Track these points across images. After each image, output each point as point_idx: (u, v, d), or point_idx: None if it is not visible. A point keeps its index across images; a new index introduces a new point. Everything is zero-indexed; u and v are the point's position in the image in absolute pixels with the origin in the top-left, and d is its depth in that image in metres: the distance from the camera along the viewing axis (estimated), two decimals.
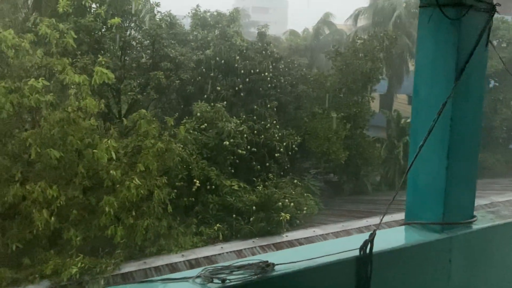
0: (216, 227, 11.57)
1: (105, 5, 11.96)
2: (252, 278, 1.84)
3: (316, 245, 3.00)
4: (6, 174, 7.73)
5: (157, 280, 1.86)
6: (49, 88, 7.60)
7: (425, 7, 2.25)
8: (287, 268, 1.90)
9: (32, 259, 8.74)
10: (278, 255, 2.06)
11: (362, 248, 2.02)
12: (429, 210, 2.30)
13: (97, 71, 8.16)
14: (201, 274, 1.83)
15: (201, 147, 12.44)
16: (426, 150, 2.16)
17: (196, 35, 15.87)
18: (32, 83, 7.31)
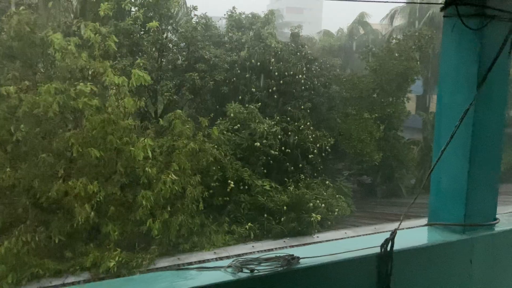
0: (248, 226, 11.77)
1: (144, 8, 12.41)
2: (278, 269, 1.97)
3: (339, 242, 3.10)
4: (51, 171, 8.20)
5: (193, 268, 2.03)
6: (95, 92, 8.01)
7: (448, 17, 2.32)
8: (311, 261, 2.02)
9: (73, 251, 9.23)
10: (303, 250, 2.18)
11: (383, 245, 2.11)
12: (451, 212, 2.36)
13: (134, 73, 8.51)
14: (232, 264, 1.98)
15: (234, 148, 12.66)
16: (449, 154, 2.23)
17: (231, 36, 16.12)
18: (81, 87, 7.74)
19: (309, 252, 2.08)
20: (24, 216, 8.26)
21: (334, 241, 7.14)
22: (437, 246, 2.28)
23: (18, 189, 8.44)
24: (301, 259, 2.03)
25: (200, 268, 2.01)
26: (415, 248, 2.23)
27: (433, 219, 2.46)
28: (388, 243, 2.10)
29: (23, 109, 7.73)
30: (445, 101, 2.42)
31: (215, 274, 1.94)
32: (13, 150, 8.20)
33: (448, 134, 2.22)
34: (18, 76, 8.51)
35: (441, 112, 2.44)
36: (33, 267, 8.51)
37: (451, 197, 2.37)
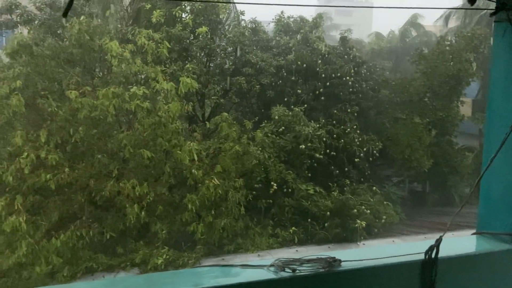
0: (292, 230, 11.75)
1: (193, 14, 12.78)
2: (320, 271, 2.00)
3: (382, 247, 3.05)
4: (105, 170, 8.66)
5: (237, 265, 2.10)
6: (146, 95, 8.39)
7: (499, 22, 2.25)
8: (353, 265, 2.03)
9: (124, 248, 9.66)
10: (345, 253, 2.18)
11: (427, 252, 2.07)
12: (500, 221, 2.27)
13: (182, 81, 8.81)
14: (274, 264, 2.03)
15: (278, 151, 12.69)
16: (499, 162, 2.16)
17: (278, 40, 16.21)
18: (134, 90, 8.13)
19: (352, 255, 2.09)
20: (80, 213, 8.77)
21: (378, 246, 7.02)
22: (484, 255, 2.21)
23: (76, 187, 8.98)
24: (343, 262, 2.05)
25: (244, 265, 2.08)
26: (462, 256, 2.17)
27: (481, 228, 2.37)
28: (432, 250, 2.06)
29: (83, 112, 8.24)
30: (495, 107, 2.34)
31: (258, 272, 2.00)
32: (72, 150, 8.74)
33: (498, 141, 2.14)
34: (80, 81, 9.06)
35: (491, 118, 2.37)
36: (87, 261, 9.02)
37: (501, 205, 2.29)
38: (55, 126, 8.47)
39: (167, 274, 2.81)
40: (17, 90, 8.76)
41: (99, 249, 9.24)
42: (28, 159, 7.98)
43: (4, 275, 8.17)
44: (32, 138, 8.36)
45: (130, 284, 1.89)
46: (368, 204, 12.44)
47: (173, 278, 2.00)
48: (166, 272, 2.98)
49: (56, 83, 9.58)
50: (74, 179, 8.62)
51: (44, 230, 8.01)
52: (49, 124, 8.47)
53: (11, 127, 9.26)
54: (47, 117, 8.64)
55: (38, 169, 8.28)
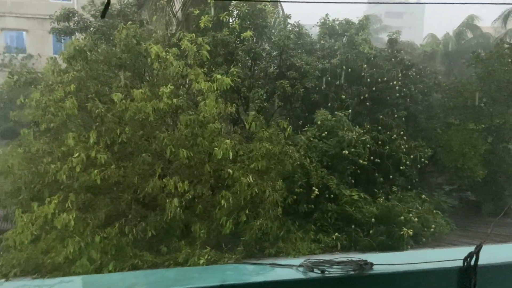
0: (335, 236, 11.52)
1: (240, 19, 12.95)
2: (350, 273, 1.94)
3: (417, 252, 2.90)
4: (150, 170, 8.94)
5: (266, 263, 2.08)
6: (181, 94, 8.59)
7: None
8: (386, 269, 1.95)
9: (168, 247, 9.88)
10: (378, 256, 2.10)
11: (466, 259, 1.94)
12: None
13: (215, 78, 8.96)
14: (304, 264, 1.99)
15: (321, 155, 12.52)
16: None
17: (323, 44, 16.06)
18: (163, 89, 8.39)
19: (384, 259, 2.01)
20: (126, 210, 9.09)
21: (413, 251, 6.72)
22: None
23: (123, 186, 9.33)
24: (375, 265, 1.97)
25: (273, 264, 2.06)
26: (503, 265, 2.01)
27: None
28: (472, 257, 1.93)
29: (128, 114, 8.58)
30: None
31: (287, 271, 1.98)
32: (119, 150, 9.10)
33: None
34: (128, 84, 9.45)
35: None
36: (133, 258, 9.30)
37: None
38: (104, 127, 8.87)
39: (197, 269, 2.84)
40: (71, 94, 9.28)
41: (144, 247, 9.50)
42: (79, 158, 8.39)
43: (56, 269, 8.61)
44: (83, 139, 8.80)
45: (160, 277, 1.92)
46: (416, 212, 11.96)
47: (202, 273, 2.01)
48: (195, 268, 3.02)
49: (107, 86, 10.03)
50: (121, 177, 8.97)
51: (92, 227, 8.36)
52: (98, 126, 8.88)
53: (65, 128, 9.78)
54: (97, 119, 9.06)
55: (88, 168, 8.69)
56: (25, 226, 7.83)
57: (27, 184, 9.53)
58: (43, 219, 7.89)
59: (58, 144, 9.58)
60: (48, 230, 8.84)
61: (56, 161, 8.79)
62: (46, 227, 8.85)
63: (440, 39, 26.48)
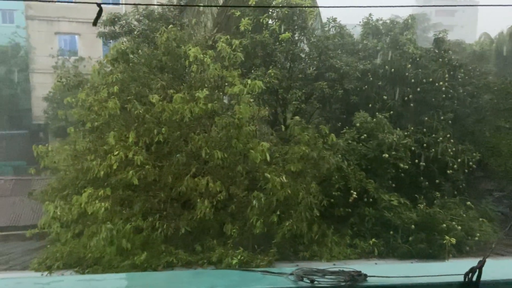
0: (372, 241, 11.21)
1: (279, 21, 12.93)
2: (341, 284, 1.89)
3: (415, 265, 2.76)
4: (185, 169, 9.14)
5: (258, 270, 2.07)
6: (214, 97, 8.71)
7: None
8: (380, 281, 1.88)
9: (202, 246, 10.06)
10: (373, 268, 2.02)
11: (467, 274, 1.83)
12: None
13: (246, 82, 8.98)
14: (295, 272, 1.97)
15: (360, 158, 12.22)
16: None
17: (365, 44, 15.68)
18: (198, 94, 8.53)
19: (379, 271, 1.94)
20: (162, 208, 9.35)
21: (410, 264, 6.40)
22: None
23: (159, 184, 9.60)
24: (368, 277, 1.90)
25: (264, 271, 2.05)
26: (510, 282, 1.87)
27: None
28: (474, 272, 1.82)
29: (165, 115, 8.83)
30: None
31: (277, 280, 1.96)
32: (156, 150, 9.38)
33: None
34: (165, 86, 9.72)
35: None
36: (168, 255, 9.55)
37: None
38: (142, 127, 9.18)
39: (187, 273, 2.87)
40: (114, 95, 9.69)
41: (179, 245, 9.72)
42: (118, 156, 8.74)
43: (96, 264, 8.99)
44: (123, 138, 9.15)
45: (151, 280, 1.96)
46: (459, 220, 11.39)
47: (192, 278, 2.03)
48: (186, 272, 3.05)
49: (148, 88, 10.36)
50: (158, 176, 9.23)
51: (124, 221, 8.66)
52: (137, 126, 9.20)
53: (108, 128, 10.21)
54: (136, 119, 9.38)
55: (127, 167, 9.02)
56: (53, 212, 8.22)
57: (72, 180, 10.06)
58: (78, 209, 8.26)
59: (101, 143, 10.02)
60: (89, 225, 9.28)
61: (98, 159, 9.20)
62: (88, 223, 9.30)
63: (493, 38, 25.07)
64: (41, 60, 30.24)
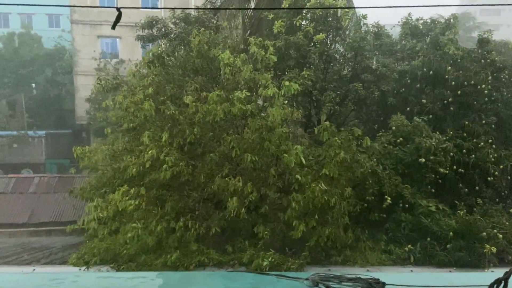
0: (407, 248, 10.87)
1: (314, 22, 12.83)
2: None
3: (440, 275, 2.62)
4: (217, 170, 9.23)
5: (273, 274, 2.05)
6: (251, 99, 8.74)
7: None
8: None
9: (233, 247, 10.11)
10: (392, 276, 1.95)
11: (492, 286, 1.73)
12: None
13: (283, 84, 8.93)
14: (311, 278, 1.94)
15: (396, 162, 11.88)
16: None
17: (404, 44, 15.28)
18: (237, 94, 8.57)
19: (398, 279, 1.88)
20: (194, 208, 9.48)
21: (431, 273, 6.07)
22: None
23: (192, 184, 9.75)
24: (387, 285, 1.85)
25: (280, 275, 2.03)
26: None
27: None
28: (499, 284, 1.72)
29: (198, 116, 8.96)
30: None
31: (291, 285, 1.94)
32: (189, 150, 9.53)
33: None
34: (198, 88, 9.87)
35: None
36: (199, 255, 9.67)
37: None
38: (176, 129, 9.36)
39: (202, 274, 2.88)
40: (149, 96, 9.94)
41: (210, 245, 9.82)
42: (150, 155, 8.95)
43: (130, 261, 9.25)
44: (157, 138, 9.36)
45: (166, 279, 1.97)
46: (501, 228, 10.84)
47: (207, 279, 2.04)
48: (200, 272, 3.05)
49: (182, 90, 10.56)
50: (190, 176, 9.38)
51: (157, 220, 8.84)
52: (170, 127, 9.38)
53: (144, 128, 10.48)
54: (170, 120, 9.58)
55: (160, 166, 9.22)
56: (94, 212, 8.51)
57: (109, 179, 10.39)
58: (114, 207, 8.52)
59: (137, 143, 10.30)
60: (125, 223, 9.55)
61: (134, 159, 9.46)
62: (124, 220, 9.58)
63: None
64: (85, 62, 31.54)
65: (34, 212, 18.25)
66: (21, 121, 36.33)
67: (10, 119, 35.92)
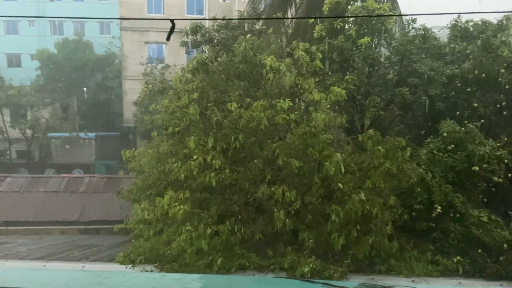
0: (456, 259, 10.41)
1: (357, 25, 12.63)
2: None
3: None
4: (260, 175, 9.27)
5: (319, 282, 2.03)
6: (294, 107, 8.71)
7: None
8: None
9: (274, 251, 10.11)
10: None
11: None
12: None
13: (332, 90, 8.81)
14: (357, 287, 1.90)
15: (446, 170, 11.41)
16: None
17: (453, 47, 14.69)
18: (280, 104, 8.59)
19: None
20: (236, 212, 9.57)
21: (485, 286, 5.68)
22: None
23: (235, 189, 9.85)
24: None
25: (326, 284, 2.01)
26: None
27: None
28: None
29: (242, 122, 9.06)
30: None
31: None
32: (233, 155, 9.64)
33: None
34: (242, 94, 9.98)
35: None
36: (240, 258, 9.74)
37: None
38: (220, 133, 9.51)
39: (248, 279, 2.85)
40: (194, 101, 10.17)
41: (251, 249, 9.87)
42: (197, 161, 9.13)
43: (173, 261, 9.47)
44: (202, 143, 9.55)
45: (212, 283, 1.98)
46: None
47: (253, 283, 2.03)
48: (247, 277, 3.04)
49: (226, 95, 10.72)
50: (234, 181, 9.48)
51: (205, 223, 9.00)
52: (215, 132, 9.55)
53: (188, 132, 10.72)
54: (214, 125, 9.74)
55: (205, 170, 9.39)
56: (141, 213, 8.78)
57: (154, 181, 10.72)
58: (161, 210, 8.77)
59: (182, 147, 10.56)
60: (169, 224, 9.80)
61: (179, 162, 9.70)
62: (168, 221, 9.83)
63: None
64: (132, 67, 32.77)
65: (84, 210, 19.13)
66: (73, 124, 38.31)
67: (63, 122, 37.93)
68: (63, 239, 15.77)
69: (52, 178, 22.38)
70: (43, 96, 39.53)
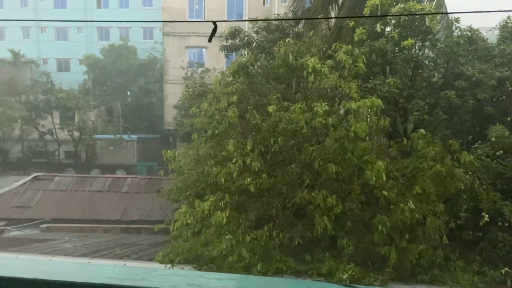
0: (504, 270, 9.88)
1: (399, 27, 12.27)
2: None
3: None
4: (298, 180, 9.19)
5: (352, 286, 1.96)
6: (333, 111, 8.55)
7: None
8: None
9: (312, 256, 9.98)
10: None
11: None
12: None
13: (366, 101, 8.60)
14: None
15: (494, 177, 10.87)
16: None
17: (503, 49, 13.97)
18: (317, 108, 8.48)
19: None
20: (274, 216, 9.53)
21: None
22: None
23: (273, 192, 9.83)
24: None
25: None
26: None
27: None
28: None
29: (281, 125, 9.02)
30: None
31: None
32: (271, 159, 9.63)
33: None
34: (281, 97, 9.95)
35: None
36: (278, 262, 9.69)
37: None
38: (259, 136, 9.51)
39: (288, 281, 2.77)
40: (233, 104, 10.25)
41: (289, 253, 9.80)
42: (237, 164, 9.18)
43: (211, 262, 9.57)
44: (241, 146, 9.59)
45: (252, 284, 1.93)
46: None
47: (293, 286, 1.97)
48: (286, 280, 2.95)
49: (265, 98, 10.73)
50: (272, 184, 9.46)
51: (244, 228, 9.03)
52: (254, 135, 9.56)
53: (227, 135, 10.82)
54: (253, 128, 9.76)
55: (243, 173, 9.43)
56: (183, 218, 8.91)
57: (193, 182, 10.88)
58: (201, 214, 8.86)
59: (221, 149, 10.67)
60: (207, 225, 9.91)
61: (217, 164, 9.80)
62: (206, 223, 9.94)
63: None
64: (174, 71, 33.54)
65: (126, 210, 19.71)
66: (117, 126, 39.64)
67: (108, 124, 39.36)
68: (106, 237, 16.31)
69: (97, 178, 23.25)
70: (89, 99, 41.25)
